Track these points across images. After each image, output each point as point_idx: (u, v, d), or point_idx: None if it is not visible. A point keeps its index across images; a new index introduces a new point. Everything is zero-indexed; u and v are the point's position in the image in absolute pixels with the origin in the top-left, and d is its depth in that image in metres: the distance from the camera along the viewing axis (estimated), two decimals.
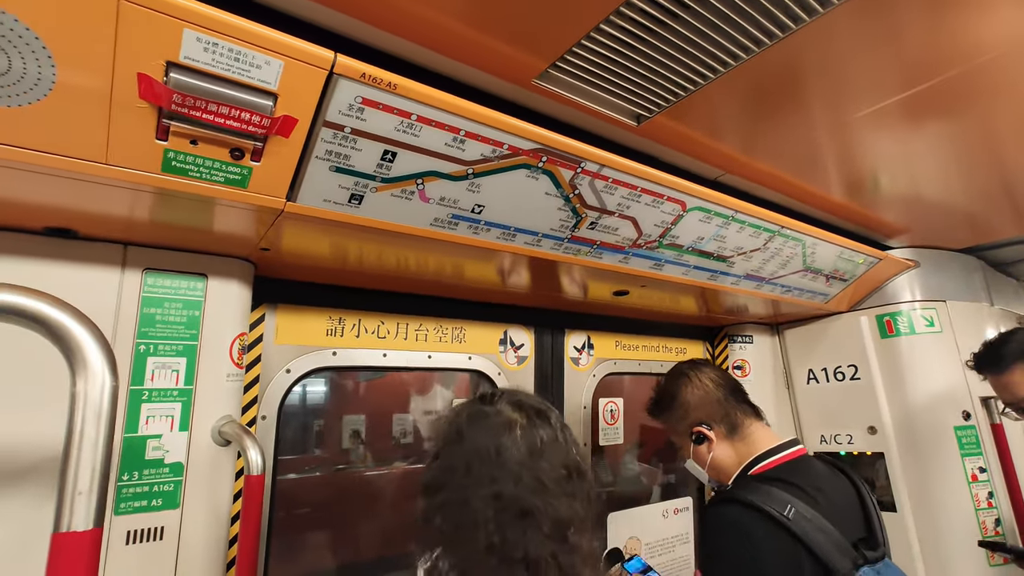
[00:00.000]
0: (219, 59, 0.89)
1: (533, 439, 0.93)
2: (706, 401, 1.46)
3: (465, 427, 0.96)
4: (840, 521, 1.18)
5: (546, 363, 2.33)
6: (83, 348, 0.77)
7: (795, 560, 1.09)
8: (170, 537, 1.26)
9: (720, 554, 1.22)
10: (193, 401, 1.34)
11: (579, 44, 1.09)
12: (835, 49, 1.14)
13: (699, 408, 1.46)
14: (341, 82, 0.99)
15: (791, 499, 1.16)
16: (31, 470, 1.12)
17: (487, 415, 0.98)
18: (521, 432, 0.94)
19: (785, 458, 1.34)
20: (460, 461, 0.91)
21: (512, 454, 0.90)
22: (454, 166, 1.23)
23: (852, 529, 1.22)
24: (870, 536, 1.24)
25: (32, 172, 0.93)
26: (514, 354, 2.25)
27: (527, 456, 0.91)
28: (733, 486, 1.39)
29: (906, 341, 2.48)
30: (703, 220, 1.72)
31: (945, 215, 2.18)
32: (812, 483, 1.26)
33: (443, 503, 0.89)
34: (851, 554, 1.11)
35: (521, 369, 2.26)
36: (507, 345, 2.24)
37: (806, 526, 1.11)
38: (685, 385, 1.51)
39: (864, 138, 1.52)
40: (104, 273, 1.27)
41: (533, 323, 2.32)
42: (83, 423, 0.76)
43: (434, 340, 2.05)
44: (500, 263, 1.65)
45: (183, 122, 0.93)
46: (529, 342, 2.30)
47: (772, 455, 1.36)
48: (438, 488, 0.91)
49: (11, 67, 0.80)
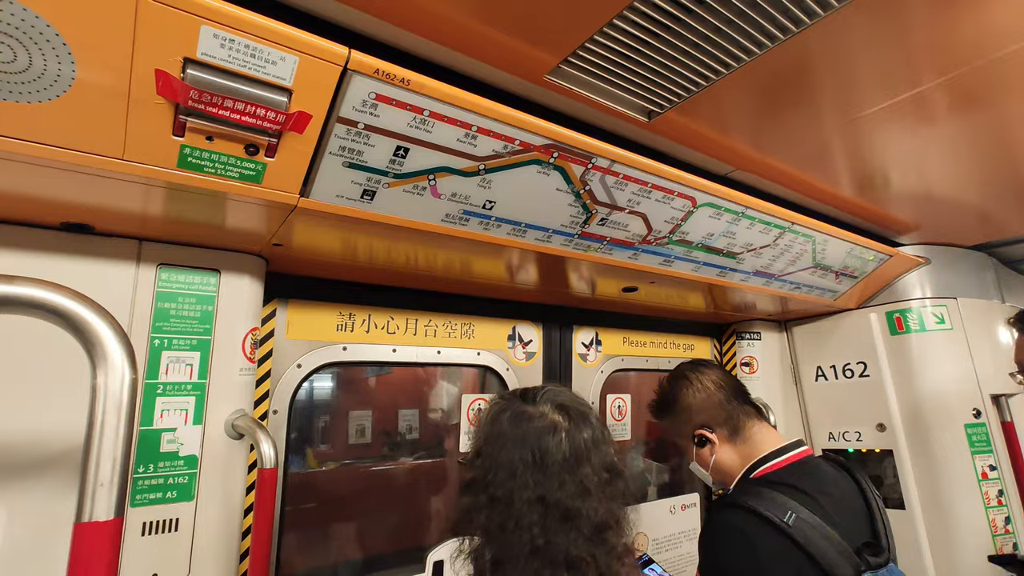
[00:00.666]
0: (235, 55, 0.89)
1: (577, 443, 0.95)
2: (708, 404, 1.45)
3: (508, 427, 0.97)
4: (844, 526, 1.17)
5: (554, 359, 2.34)
6: (103, 342, 0.79)
7: (796, 567, 1.08)
8: (185, 528, 1.28)
9: (720, 560, 1.22)
10: (207, 395, 1.35)
11: (591, 40, 1.09)
12: (846, 45, 1.14)
13: (701, 411, 1.45)
14: (355, 78, 1.00)
15: (793, 504, 1.15)
16: (49, 462, 1.13)
17: (530, 417, 0.99)
18: (565, 436, 0.95)
19: (790, 460, 1.34)
20: (504, 462, 0.93)
21: (556, 458, 0.92)
22: (466, 162, 1.23)
23: (857, 534, 1.20)
24: (875, 541, 1.22)
25: (51, 168, 0.94)
26: (522, 350, 2.26)
27: (571, 460, 0.92)
28: (735, 490, 1.39)
29: (916, 338, 2.47)
30: (713, 216, 1.71)
31: (956, 212, 2.17)
32: (816, 486, 1.24)
33: (488, 502, 0.91)
34: (854, 560, 1.10)
35: (529, 365, 2.27)
36: (516, 341, 2.24)
37: (809, 532, 1.10)
38: (686, 388, 1.51)
39: (875, 135, 1.52)
40: (119, 268, 1.29)
41: (541, 319, 2.32)
42: (103, 415, 0.77)
43: (443, 335, 2.06)
44: (509, 259, 1.65)
45: (199, 118, 0.94)
46: (537, 338, 2.31)
47: (776, 457, 1.35)
48: (482, 487, 0.93)
49: (32, 64, 0.81)
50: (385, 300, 1.93)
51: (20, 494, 1.10)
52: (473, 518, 0.92)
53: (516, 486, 0.89)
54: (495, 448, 0.96)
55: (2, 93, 0.82)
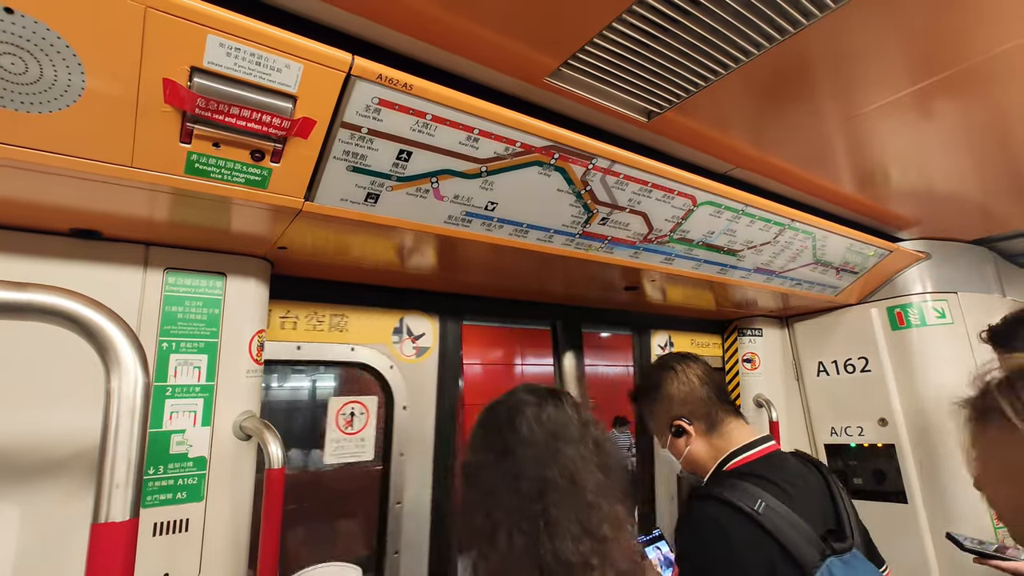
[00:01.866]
0: (241, 64, 0.91)
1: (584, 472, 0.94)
2: (691, 397, 1.48)
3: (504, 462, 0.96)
4: (810, 514, 1.22)
5: (452, 355, 2.06)
6: (116, 346, 0.80)
7: (766, 553, 1.13)
8: (195, 529, 1.30)
9: (696, 550, 1.26)
10: (215, 397, 1.37)
11: (591, 42, 1.10)
12: (846, 43, 1.15)
13: (683, 403, 1.48)
14: (358, 83, 1.01)
15: (762, 494, 1.20)
16: (63, 464, 1.15)
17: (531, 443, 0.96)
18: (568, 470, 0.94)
19: (758, 454, 1.38)
20: (504, 494, 0.92)
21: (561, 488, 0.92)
22: (468, 164, 1.25)
23: (822, 521, 1.25)
24: (839, 528, 1.27)
25: (61, 176, 0.96)
26: (411, 344, 1.99)
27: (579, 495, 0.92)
28: (708, 482, 1.43)
29: (917, 333, 2.48)
30: (713, 214, 1.73)
31: (956, 207, 2.17)
32: (784, 477, 1.29)
33: (491, 534, 0.90)
34: (819, 546, 1.14)
35: (421, 362, 2.01)
36: (403, 334, 1.99)
37: (777, 520, 1.15)
38: (672, 379, 1.53)
39: (875, 131, 1.53)
40: (127, 273, 1.31)
41: (436, 310, 2.06)
42: (118, 418, 0.79)
43: (306, 328, 1.81)
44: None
45: (206, 125, 0.95)
46: (432, 331, 2.05)
47: (748, 450, 1.39)
48: (487, 522, 0.92)
49: (43, 75, 0.82)
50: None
51: (34, 495, 1.12)
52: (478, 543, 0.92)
53: (521, 523, 0.89)
54: (492, 476, 0.96)
55: (14, 103, 0.84)
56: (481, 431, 1.03)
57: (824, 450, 2.70)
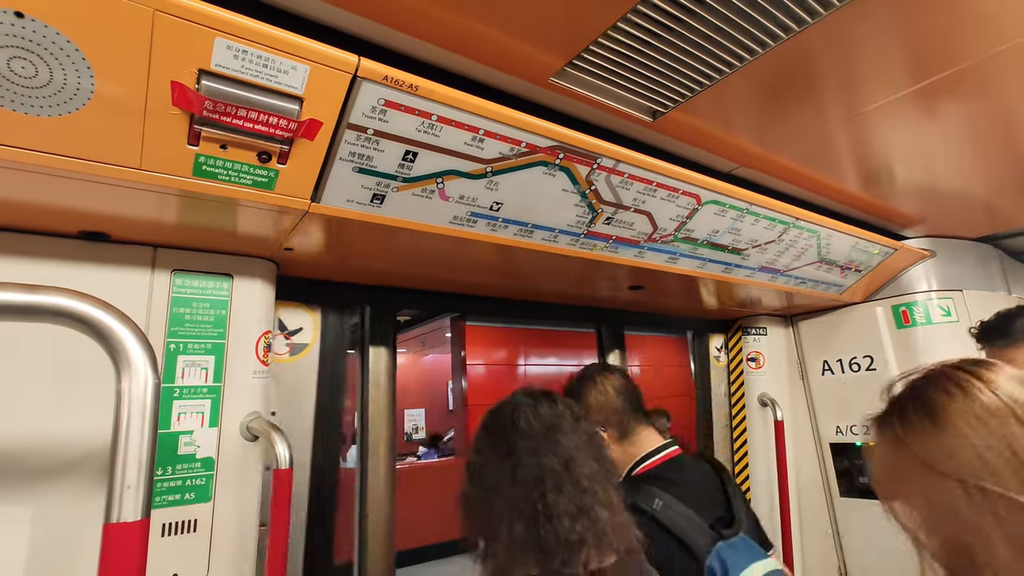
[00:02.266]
0: (248, 66, 0.91)
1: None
2: (605, 407, 1.55)
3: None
4: (701, 505, 1.33)
5: (333, 353, 1.81)
6: (127, 348, 0.81)
7: (665, 545, 1.24)
8: (203, 529, 1.31)
9: None
10: (222, 398, 1.38)
11: (596, 42, 1.10)
12: (850, 42, 1.15)
13: (598, 412, 1.55)
14: (364, 85, 1.02)
15: (661, 493, 1.31)
16: (73, 465, 1.16)
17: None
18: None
19: (663, 458, 1.48)
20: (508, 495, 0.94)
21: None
22: (473, 165, 1.25)
23: (712, 511, 1.36)
24: (727, 516, 1.37)
25: (70, 178, 0.96)
26: (284, 342, 1.75)
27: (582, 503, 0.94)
28: (619, 485, 1.50)
29: (922, 331, 2.47)
30: (718, 213, 1.73)
31: (961, 204, 2.17)
32: (679, 475, 1.41)
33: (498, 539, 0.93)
34: (710, 534, 1.26)
35: (295, 361, 1.77)
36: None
37: (673, 516, 1.26)
38: (591, 389, 1.60)
39: (879, 129, 1.52)
40: (135, 274, 1.31)
41: (319, 301, 1.81)
42: (129, 419, 0.79)
43: None
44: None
45: (214, 127, 0.96)
46: (311, 326, 1.81)
47: (653, 456, 1.48)
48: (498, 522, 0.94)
49: (52, 78, 0.83)
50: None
51: (45, 496, 1.13)
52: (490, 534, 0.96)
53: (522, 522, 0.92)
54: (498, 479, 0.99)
55: (24, 107, 0.84)
56: (484, 432, 1.06)
57: (830, 449, 2.69)
